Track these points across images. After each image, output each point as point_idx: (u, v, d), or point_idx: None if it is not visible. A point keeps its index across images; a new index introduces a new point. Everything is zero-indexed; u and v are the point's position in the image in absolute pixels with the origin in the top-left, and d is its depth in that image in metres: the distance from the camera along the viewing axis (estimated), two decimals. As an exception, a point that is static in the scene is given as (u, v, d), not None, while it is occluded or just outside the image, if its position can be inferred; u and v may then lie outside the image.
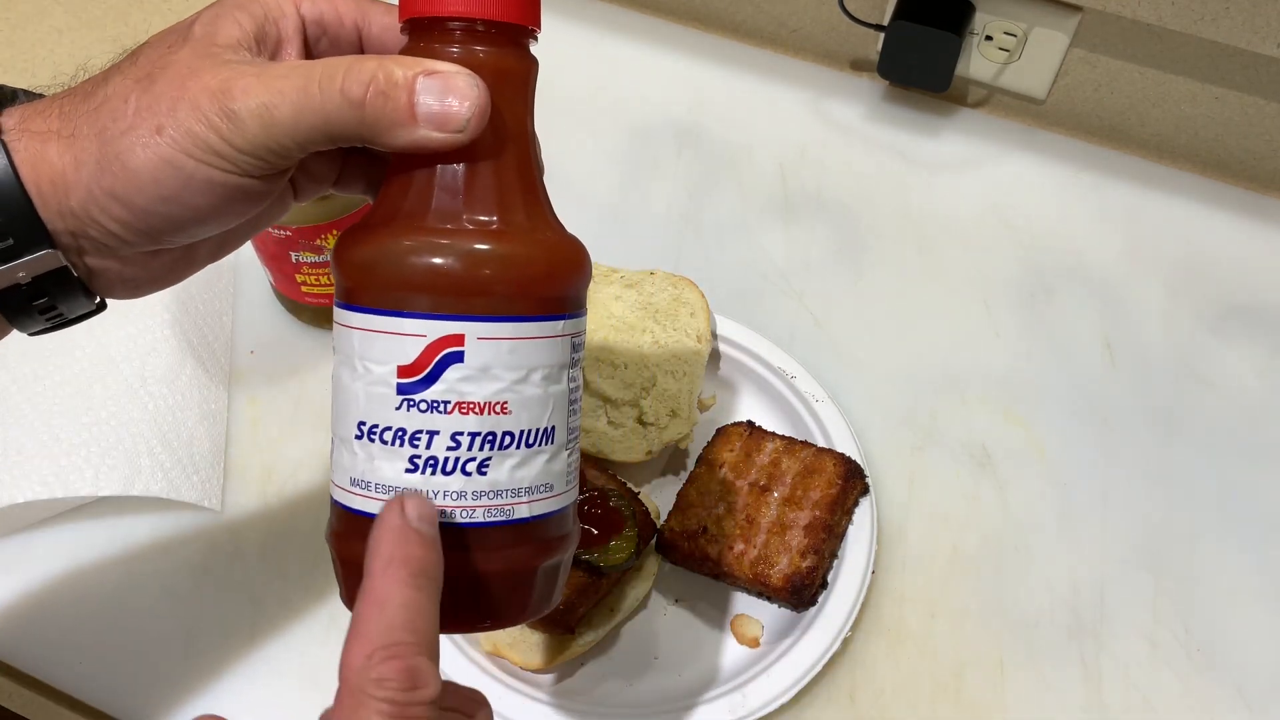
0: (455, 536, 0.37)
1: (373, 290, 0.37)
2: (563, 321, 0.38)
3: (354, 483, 0.38)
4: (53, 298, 0.38)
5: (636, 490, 0.62)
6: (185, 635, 0.61)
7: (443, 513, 0.36)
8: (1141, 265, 0.80)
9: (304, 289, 0.69)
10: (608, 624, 0.60)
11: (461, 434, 0.36)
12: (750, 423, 0.66)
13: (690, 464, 0.66)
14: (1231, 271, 0.79)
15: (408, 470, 0.36)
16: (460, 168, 0.37)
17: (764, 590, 0.60)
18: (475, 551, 0.37)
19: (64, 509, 0.64)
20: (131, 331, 0.67)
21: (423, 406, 0.36)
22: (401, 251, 0.36)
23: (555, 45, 0.92)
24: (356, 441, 0.37)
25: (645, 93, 0.89)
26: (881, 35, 0.84)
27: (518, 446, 0.37)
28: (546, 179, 0.41)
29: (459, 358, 0.36)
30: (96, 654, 0.60)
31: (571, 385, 0.39)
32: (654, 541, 0.62)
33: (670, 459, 0.69)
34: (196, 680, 0.60)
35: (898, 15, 0.81)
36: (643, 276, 0.72)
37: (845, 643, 0.60)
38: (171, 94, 0.35)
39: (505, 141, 0.38)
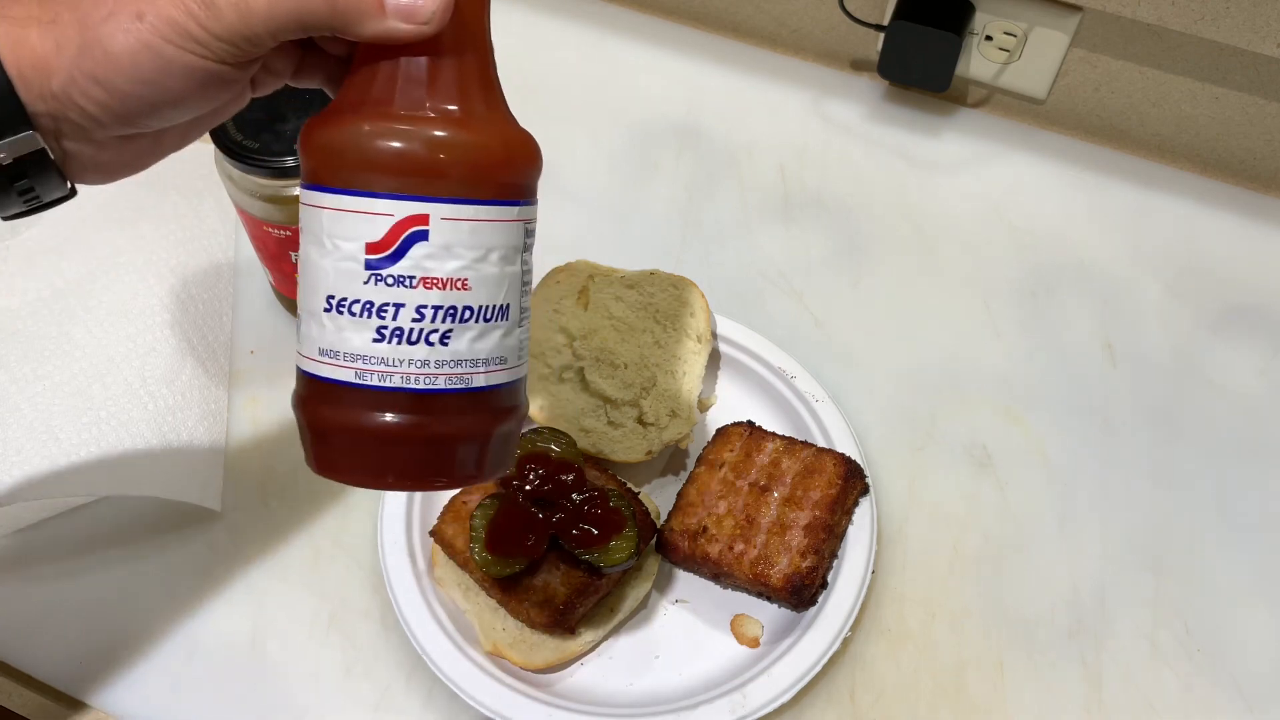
0: (419, 401, 0.39)
1: (343, 172, 0.39)
2: (518, 207, 0.40)
3: (323, 353, 0.40)
4: (31, 179, 0.40)
5: (636, 490, 0.62)
6: (185, 635, 0.61)
7: (406, 379, 0.39)
8: (1141, 265, 0.80)
9: (304, 289, 0.69)
10: (608, 624, 0.60)
11: (425, 307, 0.39)
12: (750, 423, 0.66)
13: (690, 464, 0.66)
14: (1231, 271, 0.79)
15: (375, 340, 0.39)
16: (425, 59, 0.39)
17: (764, 590, 0.60)
18: (437, 415, 0.40)
19: (64, 509, 0.64)
20: (131, 331, 0.67)
21: (389, 281, 0.38)
22: (371, 135, 0.38)
23: (555, 45, 0.93)
24: (325, 314, 0.39)
25: (645, 93, 0.89)
26: (881, 35, 0.84)
27: (476, 321, 0.40)
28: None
29: (424, 236, 0.38)
30: (96, 654, 0.60)
31: (525, 268, 0.42)
32: (654, 541, 0.62)
33: (670, 459, 0.69)
34: (197, 680, 0.60)
35: (898, 15, 0.81)
36: (643, 276, 0.72)
37: (845, 643, 0.60)
38: None
39: (466, 35, 0.40)
